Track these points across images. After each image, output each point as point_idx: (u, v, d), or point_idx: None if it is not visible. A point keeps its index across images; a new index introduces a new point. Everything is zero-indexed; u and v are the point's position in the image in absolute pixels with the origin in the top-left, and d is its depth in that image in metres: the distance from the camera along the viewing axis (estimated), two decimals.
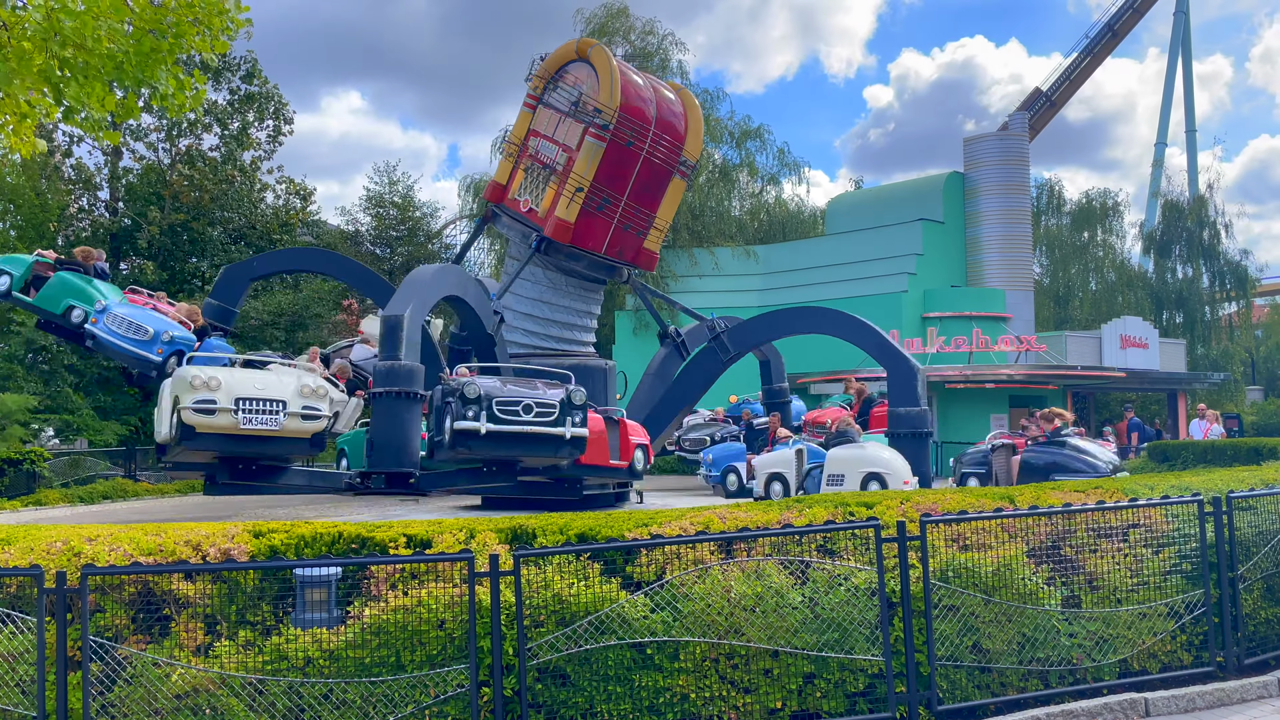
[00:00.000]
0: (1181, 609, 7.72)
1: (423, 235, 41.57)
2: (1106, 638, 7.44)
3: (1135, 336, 38.30)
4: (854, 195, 49.59)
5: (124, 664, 5.95)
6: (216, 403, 11.84)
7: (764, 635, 6.56)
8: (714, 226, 40.78)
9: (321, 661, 6.02)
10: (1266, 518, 8.40)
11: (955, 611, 7.04)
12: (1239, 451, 17.88)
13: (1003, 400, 35.41)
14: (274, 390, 12.27)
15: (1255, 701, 7.48)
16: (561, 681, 6.35)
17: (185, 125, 33.76)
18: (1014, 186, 40.20)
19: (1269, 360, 59.16)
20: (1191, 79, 58.62)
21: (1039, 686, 7.21)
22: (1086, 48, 52.38)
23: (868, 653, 6.74)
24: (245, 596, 6.25)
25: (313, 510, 17.88)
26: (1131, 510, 7.92)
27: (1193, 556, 7.88)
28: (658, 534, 6.92)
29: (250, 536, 6.69)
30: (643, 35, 38.08)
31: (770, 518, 7.37)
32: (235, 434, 12.13)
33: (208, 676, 5.90)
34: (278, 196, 37.20)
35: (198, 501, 20.98)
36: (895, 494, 8.29)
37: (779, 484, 17.25)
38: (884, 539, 6.94)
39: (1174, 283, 48.56)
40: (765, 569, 6.77)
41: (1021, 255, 40.42)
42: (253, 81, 34.88)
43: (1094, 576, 7.60)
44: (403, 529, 6.94)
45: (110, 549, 6.35)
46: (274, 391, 12.24)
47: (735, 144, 41.20)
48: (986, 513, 7.61)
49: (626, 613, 6.41)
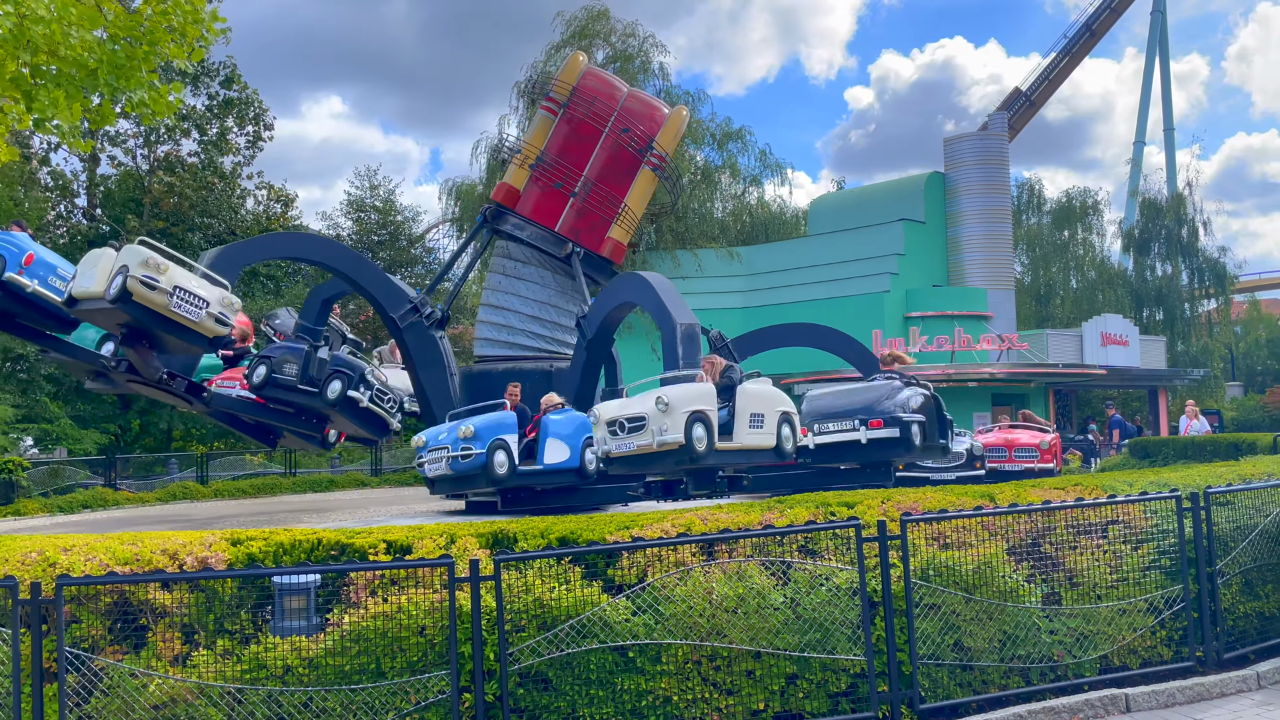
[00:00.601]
0: (1161, 604, 7.77)
1: (405, 239, 41.46)
2: (1087, 634, 7.47)
3: (1116, 334, 38.59)
4: (836, 196, 49.83)
5: (100, 675, 5.89)
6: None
7: (746, 636, 6.56)
8: (697, 228, 40.82)
9: (301, 670, 5.98)
10: (1244, 513, 8.46)
11: (936, 610, 7.06)
12: (1219, 447, 18.01)
13: (985, 398, 35.61)
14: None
15: (1235, 696, 7.52)
16: (543, 686, 6.33)
17: (164, 131, 33.56)
18: (994, 186, 40.44)
19: (1248, 356, 59.72)
20: (1169, 78, 59.14)
21: (1020, 684, 7.23)
22: (1065, 48, 52.81)
23: (850, 652, 6.74)
24: (223, 605, 6.20)
25: (294, 518, 17.78)
26: (1110, 507, 7.96)
27: (1171, 552, 7.92)
28: (639, 537, 6.91)
29: (228, 545, 6.64)
30: (624, 38, 38.10)
31: (751, 519, 7.38)
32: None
33: (185, 686, 5.85)
34: (258, 202, 37.05)
35: (179, 510, 20.84)
36: (876, 493, 8.31)
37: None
38: (865, 538, 6.95)
39: (1153, 280, 48.98)
40: (747, 570, 6.77)
41: (1002, 254, 40.67)
42: (232, 87, 34.72)
43: (1074, 573, 7.63)
44: (383, 535, 6.91)
45: (86, 559, 6.29)
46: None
47: (717, 146, 41.26)
48: (967, 511, 7.64)
49: (608, 616, 6.40)
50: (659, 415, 11.62)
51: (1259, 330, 61.85)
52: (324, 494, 26.77)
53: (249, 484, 26.40)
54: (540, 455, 14.28)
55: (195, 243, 33.36)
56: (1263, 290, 65.73)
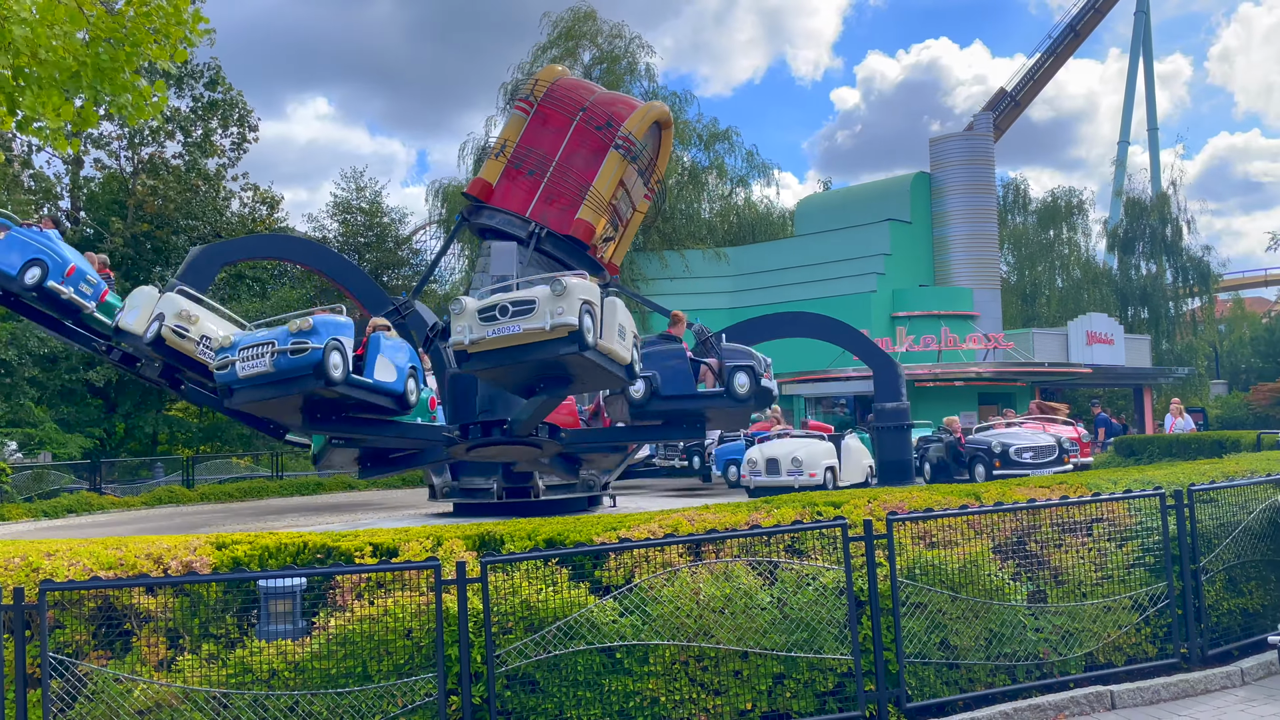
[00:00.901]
0: (1145, 602, 7.81)
1: (391, 241, 41.33)
2: (1072, 632, 7.50)
3: (1101, 333, 38.77)
4: (822, 196, 49.91)
5: (85, 680, 5.86)
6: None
7: (733, 637, 6.57)
8: (684, 229, 40.87)
9: (286, 674, 5.96)
10: (1228, 510, 8.51)
11: (923, 609, 7.08)
12: (1203, 445, 18.09)
13: (972, 397, 35.71)
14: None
15: (1219, 692, 7.56)
16: (531, 688, 6.33)
17: (148, 133, 33.38)
18: (980, 186, 40.59)
19: (1232, 355, 60.11)
20: (1153, 78, 59.50)
21: (1006, 682, 7.26)
22: (1049, 48, 53.06)
23: (837, 652, 6.75)
24: (208, 609, 6.17)
25: (282, 521, 17.72)
26: (1095, 505, 8.00)
27: (1155, 549, 7.97)
28: (626, 538, 6.91)
29: (213, 548, 6.61)
30: (610, 39, 38.12)
31: (738, 519, 7.38)
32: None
33: (170, 691, 5.82)
34: (244, 204, 36.88)
35: (164, 514, 20.73)
36: (863, 493, 8.33)
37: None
38: (851, 538, 6.96)
39: (1138, 279, 49.23)
40: (734, 570, 6.78)
41: (988, 254, 40.83)
42: (216, 88, 34.56)
43: (1059, 571, 7.66)
44: (369, 538, 6.88)
45: (70, 564, 6.26)
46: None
47: (704, 146, 41.33)
48: (952, 510, 7.67)
49: (595, 617, 6.39)
50: (552, 299, 10.76)
51: (1243, 328, 62.28)
52: (311, 497, 26.70)
53: (235, 487, 26.30)
54: (370, 370, 12.78)
55: (179, 245, 33.20)
56: (1246, 289, 66.20)
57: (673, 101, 38.84)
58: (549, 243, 17.94)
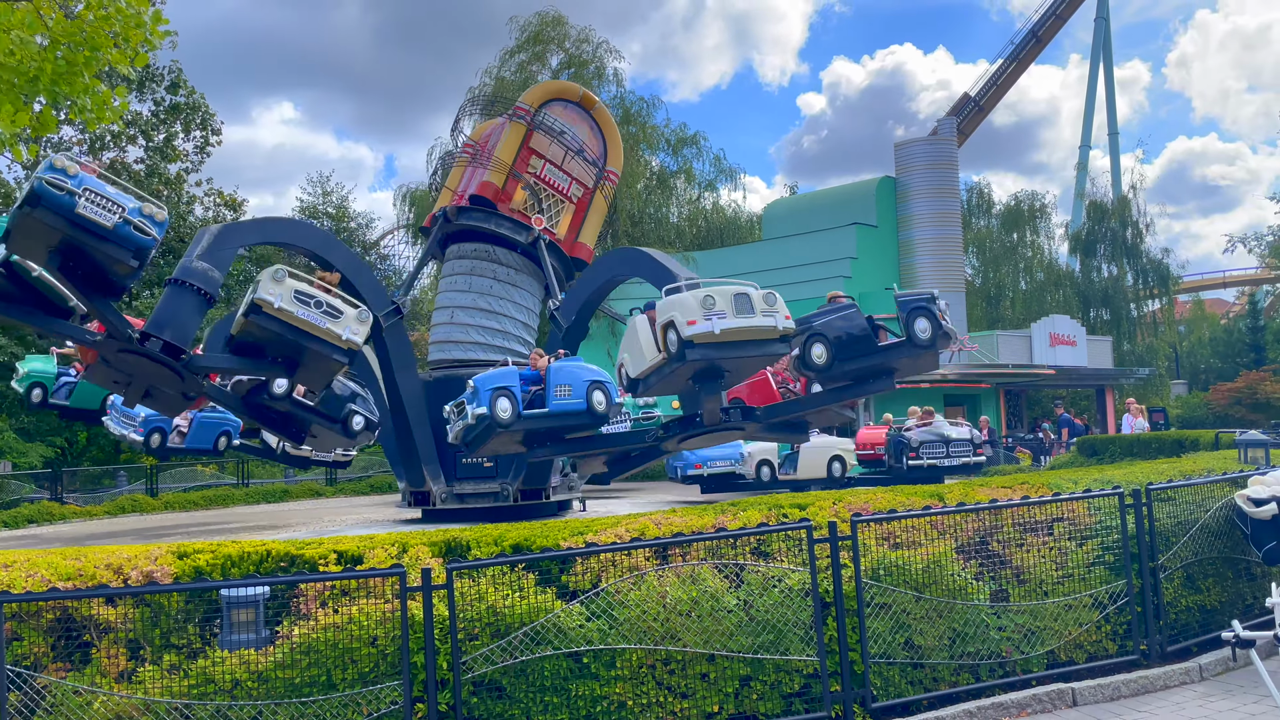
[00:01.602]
0: (1105, 599, 7.93)
1: (358, 246, 41.06)
2: (1034, 630, 7.60)
3: (1064, 334, 39.24)
4: (789, 201, 50.16)
5: (43, 693, 5.78)
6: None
7: (700, 640, 6.59)
8: (652, 233, 40.88)
9: (250, 683, 5.91)
10: (1185, 508, 8.66)
11: (887, 609, 7.15)
12: (1163, 444, 18.38)
13: (938, 399, 35.98)
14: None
15: (1178, 688, 7.69)
16: (497, 694, 6.31)
17: (109, 138, 32.94)
18: (944, 190, 40.95)
19: (1191, 355, 61.08)
20: (1113, 84, 60.33)
21: (970, 680, 7.34)
22: (1012, 54, 53.68)
23: (803, 653, 6.80)
24: (170, 620, 6.10)
25: (246, 530, 17.54)
26: (1055, 504, 8.11)
27: (1115, 548, 8.09)
28: (592, 542, 6.91)
29: (174, 558, 6.54)
30: (578, 44, 38.08)
31: (705, 522, 7.41)
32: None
33: (131, 703, 5.75)
34: (206, 209, 36.46)
35: (128, 524, 20.45)
36: (827, 494, 8.39)
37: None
38: (816, 539, 7.01)
39: (1100, 281, 49.86)
40: (700, 573, 6.81)
41: (953, 257, 41.19)
42: (178, 92, 34.17)
43: (1021, 570, 7.77)
44: (333, 545, 6.84)
45: (28, 575, 6.16)
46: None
47: (672, 151, 41.38)
48: (916, 511, 7.75)
49: (562, 622, 6.39)
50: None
51: (1202, 329, 63.26)
52: (277, 505, 26.45)
53: (200, 496, 26.01)
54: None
55: None
56: (1205, 290, 67.26)
57: (640, 107, 38.91)
58: (470, 211, 19.09)
